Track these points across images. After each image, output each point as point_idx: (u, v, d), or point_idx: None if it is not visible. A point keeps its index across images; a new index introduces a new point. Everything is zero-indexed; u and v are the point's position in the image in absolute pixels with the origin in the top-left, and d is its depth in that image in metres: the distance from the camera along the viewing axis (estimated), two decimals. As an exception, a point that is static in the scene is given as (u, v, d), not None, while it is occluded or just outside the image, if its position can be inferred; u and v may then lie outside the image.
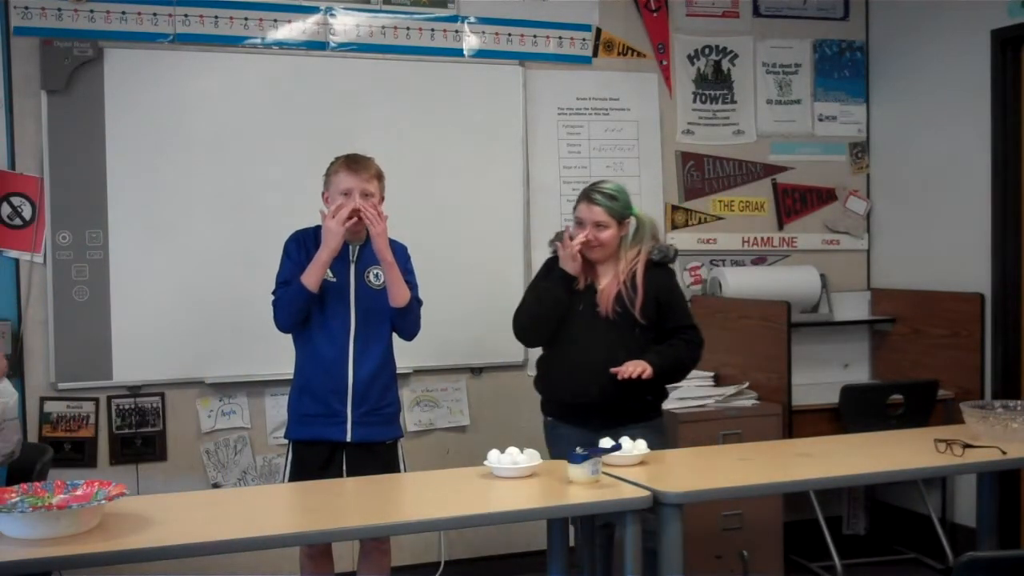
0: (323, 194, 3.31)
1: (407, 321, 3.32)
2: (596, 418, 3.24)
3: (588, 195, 3.36)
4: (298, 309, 3.21)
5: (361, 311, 3.25)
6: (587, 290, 3.34)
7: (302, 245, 3.29)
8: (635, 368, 3.17)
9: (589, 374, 3.23)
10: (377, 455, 3.25)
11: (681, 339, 3.36)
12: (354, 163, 3.24)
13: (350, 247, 3.26)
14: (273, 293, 3.29)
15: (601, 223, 3.31)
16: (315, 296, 3.19)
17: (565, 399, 3.31)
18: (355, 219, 3.16)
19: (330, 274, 3.21)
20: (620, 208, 3.34)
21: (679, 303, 3.42)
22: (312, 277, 3.17)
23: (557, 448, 3.25)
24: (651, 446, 3.01)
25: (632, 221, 3.39)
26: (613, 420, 3.23)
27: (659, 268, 3.39)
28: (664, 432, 3.47)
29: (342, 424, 3.23)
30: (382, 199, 3.29)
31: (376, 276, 3.28)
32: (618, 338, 3.27)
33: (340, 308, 3.24)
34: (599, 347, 3.26)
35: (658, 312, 3.33)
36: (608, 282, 3.34)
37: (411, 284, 3.32)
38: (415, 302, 3.33)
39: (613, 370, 3.18)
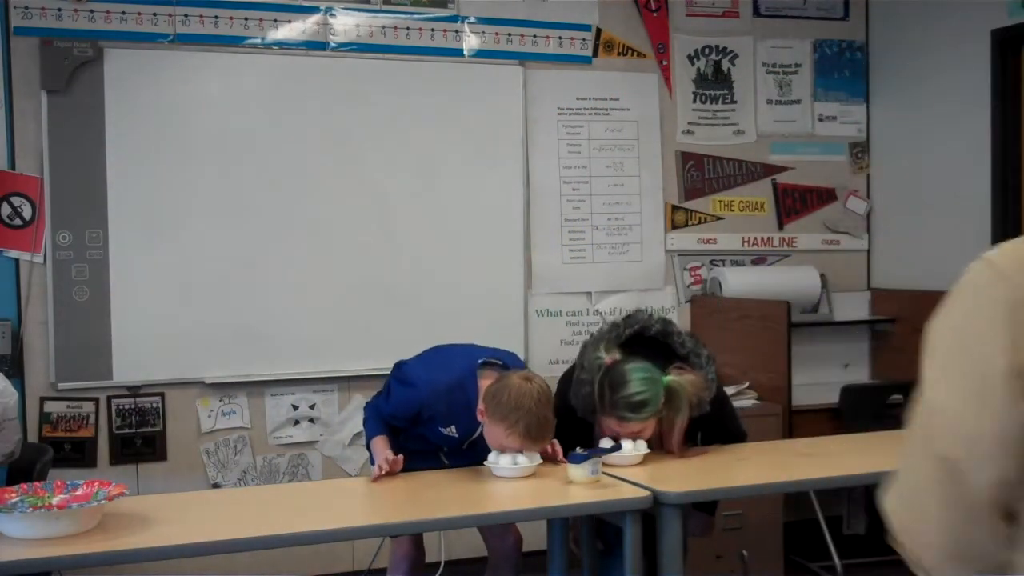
0: (482, 410, 2.87)
1: None
2: None
3: (617, 413, 2.87)
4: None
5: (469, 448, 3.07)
6: None
7: (427, 410, 2.96)
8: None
9: None
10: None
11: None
12: (536, 436, 2.83)
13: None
14: (378, 397, 3.10)
15: (637, 432, 2.93)
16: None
17: None
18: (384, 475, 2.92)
19: (452, 430, 3.00)
20: (652, 411, 2.87)
21: (727, 423, 3.23)
22: (375, 453, 2.97)
23: None
24: None
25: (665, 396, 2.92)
26: None
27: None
28: None
29: (437, 457, 3.10)
30: None
31: None
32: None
33: (449, 447, 3.08)
34: None
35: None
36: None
37: None
38: None
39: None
